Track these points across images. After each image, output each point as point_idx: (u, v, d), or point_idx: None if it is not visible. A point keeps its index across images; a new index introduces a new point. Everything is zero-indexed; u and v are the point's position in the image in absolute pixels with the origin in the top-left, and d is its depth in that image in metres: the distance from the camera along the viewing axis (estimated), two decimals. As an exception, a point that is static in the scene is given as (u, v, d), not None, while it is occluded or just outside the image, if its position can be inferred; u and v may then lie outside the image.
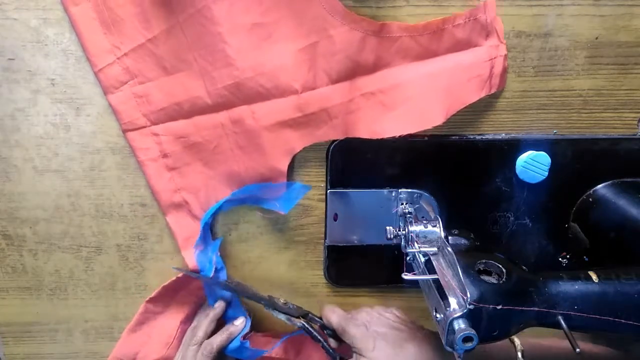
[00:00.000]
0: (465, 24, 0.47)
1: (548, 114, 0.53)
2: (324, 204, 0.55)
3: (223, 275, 0.56)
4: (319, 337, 0.52)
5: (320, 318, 0.54)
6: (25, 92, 0.50)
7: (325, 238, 0.57)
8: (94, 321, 0.60)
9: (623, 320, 0.38)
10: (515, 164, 0.53)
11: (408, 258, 0.48)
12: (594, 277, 0.40)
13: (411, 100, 0.49)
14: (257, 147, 0.51)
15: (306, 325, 0.52)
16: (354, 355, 0.48)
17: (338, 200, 0.54)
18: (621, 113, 0.53)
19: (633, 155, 0.53)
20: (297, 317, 0.53)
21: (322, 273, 0.59)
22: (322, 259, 0.58)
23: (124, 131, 0.52)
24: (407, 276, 0.43)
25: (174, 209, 0.55)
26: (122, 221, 0.56)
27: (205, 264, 0.54)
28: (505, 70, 0.50)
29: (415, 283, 0.45)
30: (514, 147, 0.52)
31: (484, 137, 0.53)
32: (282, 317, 0.53)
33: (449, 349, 0.38)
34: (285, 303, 0.55)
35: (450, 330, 0.37)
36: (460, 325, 0.36)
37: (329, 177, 0.54)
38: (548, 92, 0.52)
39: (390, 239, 0.50)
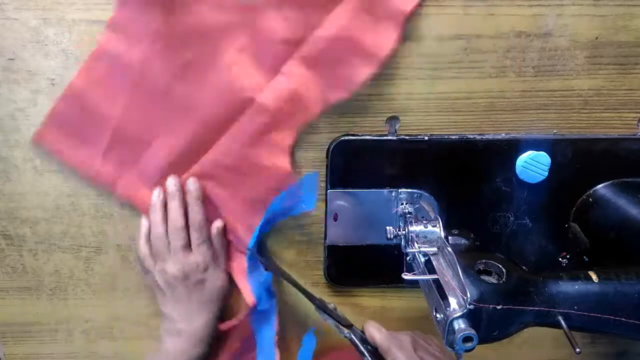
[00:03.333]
0: None
1: (548, 114, 0.53)
2: (324, 204, 0.55)
3: (273, 305, 0.56)
4: (364, 352, 0.51)
5: (362, 332, 0.53)
6: (25, 92, 0.50)
7: (325, 238, 0.57)
8: (94, 321, 0.60)
9: (624, 319, 0.38)
10: (515, 164, 0.53)
11: (408, 258, 0.48)
12: (594, 277, 0.40)
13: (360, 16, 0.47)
14: (255, 167, 0.52)
15: (353, 337, 0.52)
16: None
17: (338, 200, 0.54)
18: (621, 113, 0.53)
19: (633, 155, 0.53)
20: (345, 327, 0.52)
21: (322, 273, 0.59)
22: (322, 259, 0.58)
23: (144, 212, 0.54)
24: (407, 276, 0.43)
25: None
26: (122, 221, 0.56)
27: (261, 295, 0.54)
28: None
29: (415, 283, 0.45)
30: (514, 147, 0.52)
31: (484, 137, 0.53)
32: (331, 322, 0.53)
33: (449, 349, 0.38)
34: (335, 309, 0.55)
35: (450, 330, 0.37)
36: (460, 325, 0.36)
37: (329, 177, 0.54)
38: (548, 92, 0.52)
39: (390, 239, 0.50)
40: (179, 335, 0.52)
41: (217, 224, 0.54)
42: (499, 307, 0.37)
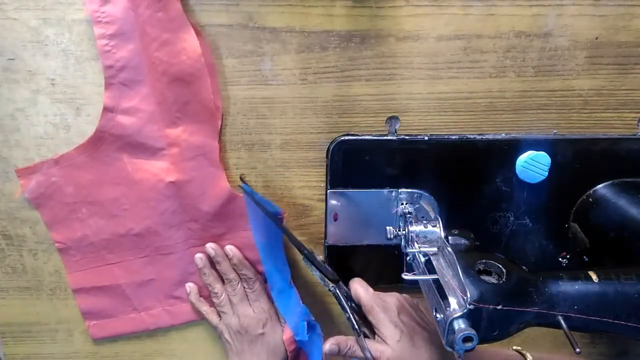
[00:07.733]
0: None
1: (548, 114, 0.53)
2: (324, 204, 0.55)
3: (316, 333, 0.56)
4: (347, 308, 0.50)
5: (348, 289, 0.53)
6: (25, 92, 0.50)
7: (325, 238, 0.57)
8: (94, 321, 0.60)
9: (623, 322, 0.38)
10: (515, 164, 0.53)
11: (408, 258, 0.48)
12: (594, 277, 0.40)
13: None
14: (223, 222, 0.55)
15: (338, 291, 0.51)
16: (376, 337, 0.48)
17: (338, 200, 0.54)
18: (621, 113, 0.53)
19: (633, 155, 0.53)
20: (332, 281, 0.52)
21: (322, 273, 0.59)
22: (322, 259, 0.58)
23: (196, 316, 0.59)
24: (407, 276, 0.43)
25: None
26: (122, 221, 0.56)
27: (299, 327, 0.55)
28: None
29: (415, 283, 0.45)
30: (514, 147, 0.52)
31: (484, 137, 0.53)
32: (317, 274, 0.53)
33: (449, 349, 0.38)
34: (324, 262, 0.55)
35: (450, 330, 0.37)
36: (460, 325, 0.36)
37: (329, 177, 0.54)
38: (548, 92, 0.52)
39: (390, 239, 0.50)
40: None
41: None
42: (499, 307, 0.37)
